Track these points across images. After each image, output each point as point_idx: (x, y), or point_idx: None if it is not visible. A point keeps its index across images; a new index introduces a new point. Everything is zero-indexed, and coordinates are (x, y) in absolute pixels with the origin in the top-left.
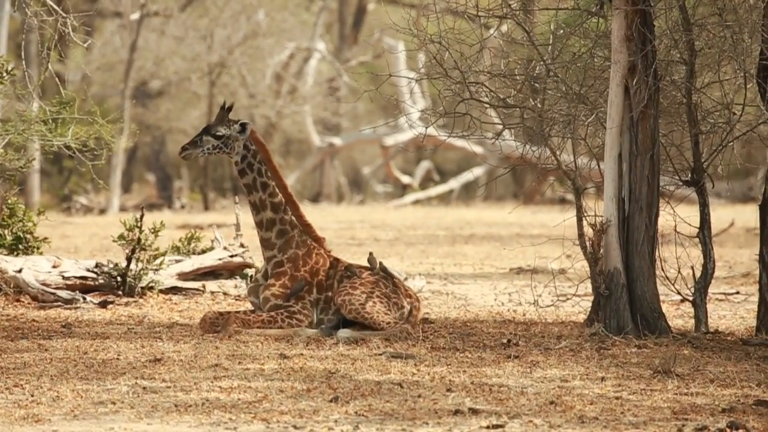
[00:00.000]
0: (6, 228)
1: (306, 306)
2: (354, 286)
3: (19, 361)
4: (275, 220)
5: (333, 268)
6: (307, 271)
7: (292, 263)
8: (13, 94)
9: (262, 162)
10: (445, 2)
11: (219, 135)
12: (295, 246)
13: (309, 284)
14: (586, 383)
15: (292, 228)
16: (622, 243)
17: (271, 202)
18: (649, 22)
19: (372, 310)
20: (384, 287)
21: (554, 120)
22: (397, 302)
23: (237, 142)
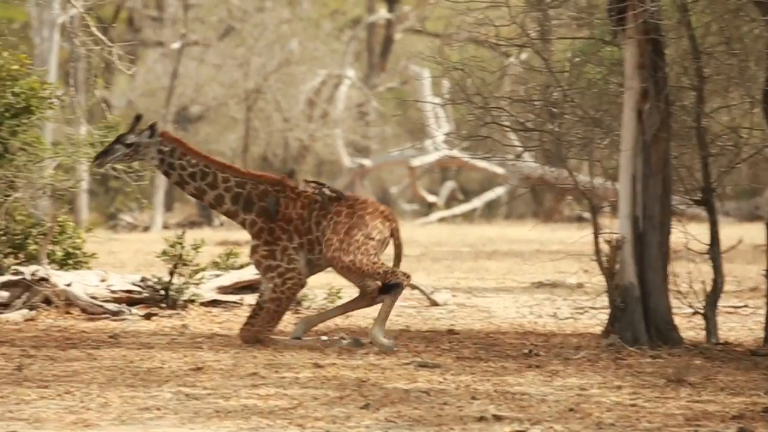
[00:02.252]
0: (57, 244)
1: (292, 258)
2: (335, 241)
3: (70, 370)
4: (220, 193)
5: (306, 208)
6: (281, 219)
7: (263, 215)
8: (62, 118)
9: (182, 156)
10: (468, 32)
11: (129, 143)
12: (257, 200)
13: (287, 230)
14: (604, 391)
15: (243, 187)
16: (636, 259)
17: (207, 183)
18: (661, 50)
19: (381, 271)
20: (360, 229)
21: (571, 143)
22: (376, 236)
23: (149, 147)
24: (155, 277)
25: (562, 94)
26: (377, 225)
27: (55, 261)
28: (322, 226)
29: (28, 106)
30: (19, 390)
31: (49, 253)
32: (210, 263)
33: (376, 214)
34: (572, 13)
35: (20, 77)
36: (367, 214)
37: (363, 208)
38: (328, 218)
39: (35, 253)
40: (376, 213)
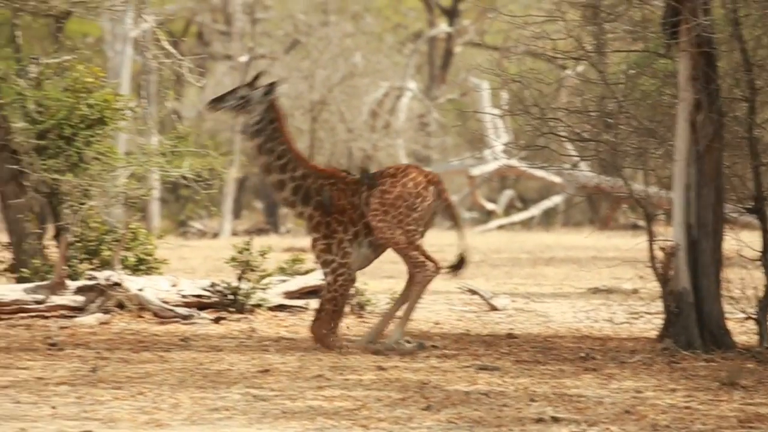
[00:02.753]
0: (130, 250)
1: (346, 252)
2: (380, 211)
3: (142, 371)
4: (285, 180)
5: (355, 195)
6: (336, 212)
7: (320, 209)
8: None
9: (275, 129)
10: (526, 45)
11: (242, 95)
12: (314, 194)
13: (342, 222)
14: (659, 394)
15: (305, 179)
16: (690, 265)
17: (278, 164)
18: (713, 63)
19: (414, 255)
20: (404, 199)
21: (626, 152)
22: (419, 205)
23: (258, 105)
24: (224, 282)
25: (617, 105)
26: (420, 192)
27: (128, 266)
28: (371, 202)
29: (102, 117)
30: (93, 391)
31: (123, 259)
32: (276, 269)
33: (420, 180)
34: (627, 27)
35: (94, 89)
36: (410, 181)
37: (406, 174)
38: (375, 192)
39: (109, 259)
40: (420, 179)
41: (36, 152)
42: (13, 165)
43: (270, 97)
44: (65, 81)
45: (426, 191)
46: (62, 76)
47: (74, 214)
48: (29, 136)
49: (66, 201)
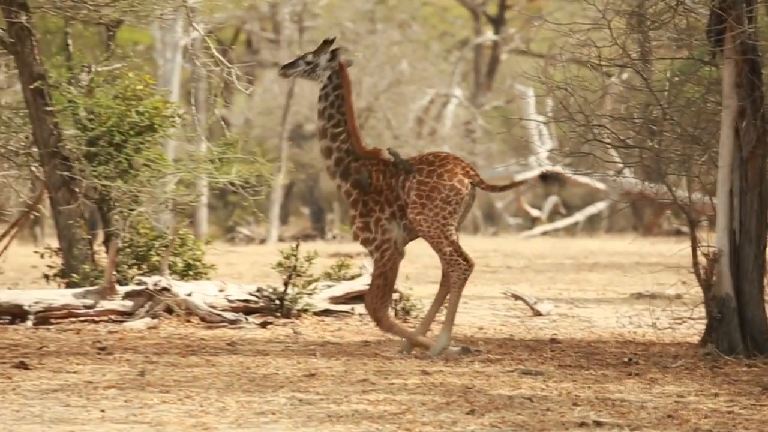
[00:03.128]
0: (178, 256)
1: (385, 228)
2: (418, 204)
3: (190, 375)
4: (332, 147)
5: (393, 177)
6: (373, 191)
7: (358, 188)
8: (184, 136)
9: (339, 96)
10: (571, 52)
11: (309, 61)
12: (353, 172)
13: (378, 201)
14: (701, 399)
15: (348, 155)
16: (733, 271)
17: (332, 132)
18: (758, 70)
19: (448, 251)
20: (439, 191)
21: (670, 159)
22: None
23: (325, 71)
24: (271, 287)
25: (661, 112)
26: (455, 185)
27: (176, 272)
28: (407, 188)
29: (152, 124)
30: (142, 394)
31: (171, 264)
32: (323, 274)
33: (456, 171)
34: (672, 35)
35: (144, 97)
36: (446, 172)
37: (443, 165)
38: (412, 178)
39: (158, 265)
40: (456, 170)
41: (87, 159)
42: (64, 171)
43: (334, 64)
44: (116, 88)
45: (461, 184)
46: (113, 84)
47: (124, 220)
48: (80, 143)
49: (116, 207)
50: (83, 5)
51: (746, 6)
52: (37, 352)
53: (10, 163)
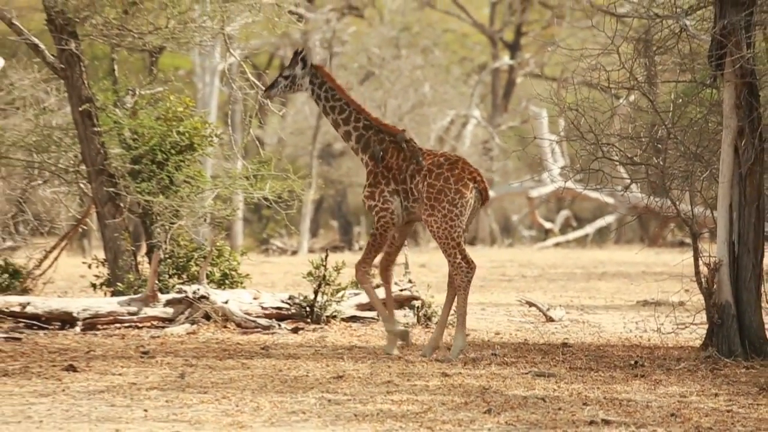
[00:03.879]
0: (215, 266)
1: (386, 199)
2: (428, 206)
3: (226, 377)
4: (350, 130)
5: (406, 161)
6: (384, 167)
7: (374, 160)
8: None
9: (329, 90)
10: (582, 76)
11: (286, 75)
12: (372, 144)
13: (386, 177)
14: (702, 398)
15: (367, 130)
16: (732, 280)
17: (342, 118)
18: (756, 92)
19: (453, 253)
20: (446, 194)
21: (674, 175)
22: (459, 202)
23: (304, 78)
24: (301, 295)
25: (666, 131)
26: (460, 189)
27: (213, 281)
28: (416, 180)
29: (192, 143)
30: (182, 395)
31: (209, 274)
32: (350, 283)
33: (463, 176)
34: (676, 60)
35: (185, 118)
36: (452, 176)
37: (451, 169)
38: (422, 174)
39: (196, 274)
40: (463, 175)
41: (131, 176)
42: (110, 188)
43: (308, 68)
44: (158, 110)
45: (466, 188)
46: (155, 106)
47: (165, 233)
48: (125, 161)
49: (158, 221)
50: (128, 33)
51: (745, 33)
52: (85, 356)
53: (60, 180)
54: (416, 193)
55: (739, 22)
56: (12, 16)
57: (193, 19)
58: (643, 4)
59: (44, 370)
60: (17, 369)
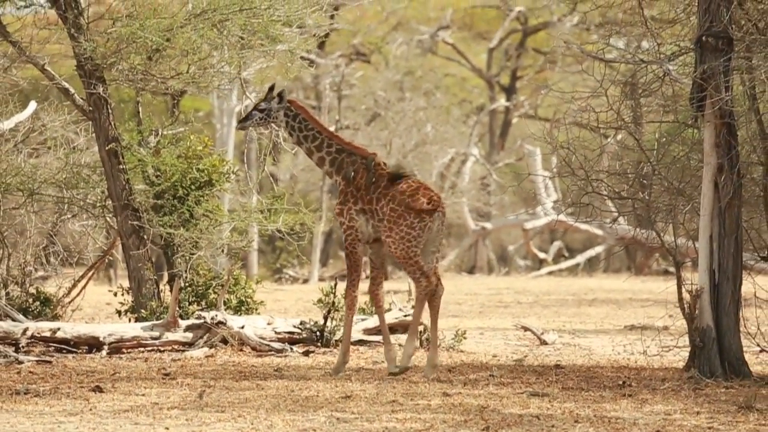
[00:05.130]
0: (232, 294)
1: (352, 217)
2: (387, 228)
3: (242, 397)
4: (323, 156)
5: (375, 183)
6: (354, 186)
7: (345, 180)
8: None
9: (303, 121)
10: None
11: (262, 108)
12: (345, 166)
13: (355, 196)
14: (685, 416)
15: (340, 153)
16: (713, 305)
17: (315, 145)
18: (734, 132)
19: (412, 270)
20: (405, 218)
21: (659, 209)
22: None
23: (279, 112)
24: (312, 320)
25: (651, 168)
26: (419, 214)
27: (230, 307)
28: (381, 203)
29: (210, 180)
30: (201, 414)
31: (226, 301)
32: (357, 309)
33: (422, 201)
34: (660, 101)
35: (204, 156)
36: (413, 201)
37: (412, 195)
38: (387, 199)
39: (214, 301)
40: (422, 201)
41: (154, 210)
42: (134, 221)
43: (284, 104)
44: (179, 149)
45: (426, 214)
46: (177, 145)
47: (185, 263)
48: (148, 196)
49: (179, 252)
50: (152, 78)
51: (723, 77)
52: (111, 378)
53: (88, 214)
54: (381, 214)
55: (718, 66)
56: (44, 63)
57: (212, 65)
58: (629, 50)
59: (73, 390)
60: (48, 390)
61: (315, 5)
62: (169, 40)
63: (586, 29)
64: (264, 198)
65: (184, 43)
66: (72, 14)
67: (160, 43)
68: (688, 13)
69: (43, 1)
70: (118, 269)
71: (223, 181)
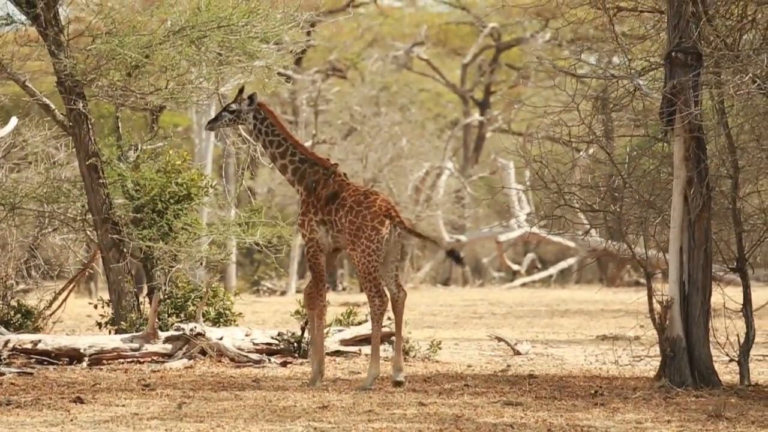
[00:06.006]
0: (211, 306)
1: (313, 228)
2: (350, 240)
3: (220, 408)
4: (286, 163)
5: (335, 195)
6: (315, 197)
7: (307, 190)
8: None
9: (270, 126)
10: (545, 131)
11: (232, 110)
12: (307, 176)
13: (315, 207)
14: (656, 425)
15: (303, 163)
16: (683, 316)
17: (279, 152)
18: (703, 146)
19: (368, 287)
20: (364, 231)
21: (630, 221)
22: (375, 238)
23: (248, 114)
24: (289, 332)
25: (622, 181)
26: (376, 225)
27: (209, 319)
28: (340, 214)
29: (189, 194)
30: (180, 424)
31: (205, 313)
32: (334, 320)
33: (378, 213)
34: (630, 116)
35: (183, 171)
36: (370, 213)
37: (369, 207)
38: (345, 210)
39: (193, 313)
40: (380, 213)
41: (133, 224)
42: (114, 235)
43: (255, 105)
44: (158, 164)
45: (382, 225)
46: (156, 160)
47: (164, 276)
48: (128, 210)
49: (158, 264)
50: (131, 93)
51: (692, 92)
52: (91, 389)
53: (68, 228)
54: (340, 225)
55: (688, 82)
56: (25, 79)
57: (191, 81)
58: (600, 65)
59: (54, 402)
60: (29, 401)
61: (292, 22)
62: (148, 57)
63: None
64: (242, 211)
65: (162, 59)
66: (52, 31)
67: (139, 60)
68: (658, 29)
69: (24, 18)
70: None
71: (202, 195)
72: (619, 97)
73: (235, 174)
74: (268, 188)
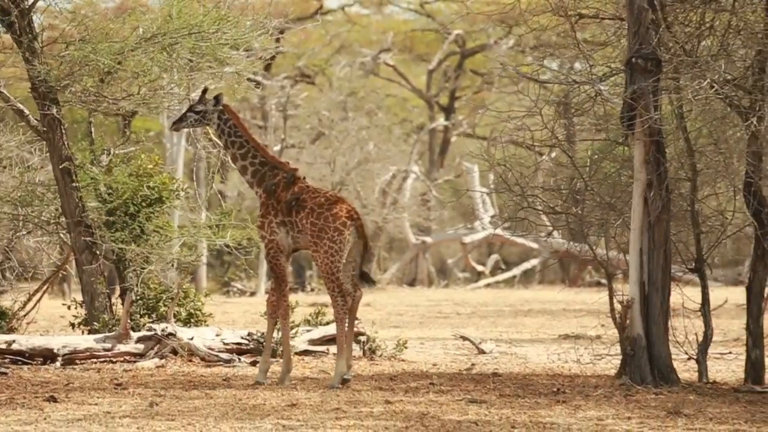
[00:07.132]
0: (182, 306)
1: (273, 230)
2: (312, 243)
3: (191, 406)
4: (246, 165)
5: (294, 197)
6: (274, 198)
7: (266, 193)
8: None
9: (233, 127)
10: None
11: (197, 110)
12: (267, 179)
13: (275, 209)
14: (617, 421)
15: (263, 166)
16: (643, 316)
17: (240, 153)
18: (662, 149)
19: (331, 287)
20: (326, 232)
21: (591, 223)
22: (337, 239)
23: (213, 114)
24: (259, 332)
25: (584, 184)
26: (338, 227)
27: (180, 320)
28: (300, 216)
29: (161, 197)
30: (151, 422)
31: (176, 313)
32: (303, 320)
33: (340, 215)
34: (592, 120)
35: (154, 174)
36: (331, 215)
37: (329, 209)
38: (306, 212)
39: (165, 314)
40: (341, 214)
41: (106, 226)
42: (87, 237)
43: (220, 106)
44: (131, 168)
45: (344, 227)
46: (128, 164)
47: (137, 277)
48: (101, 213)
49: (130, 266)
50: (104, 99)
51: (652, 97)
52: (65, 388)
53: (42, 230)
54: (300, 226)
55: (648, 87)
56: (0, 85)
57: (162, 87)
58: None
59: (27, 400)
60: (3, 400)
61: (261, 29)
62: (120, 63)
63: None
64: (212, 214)
65: (135, 65)
66: (26, 38)
67: (112, 66)
68: (618, 36)
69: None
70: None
71: (173, 198)
72: (580, 102)
73: (206, 177)
74: (238, 191)
